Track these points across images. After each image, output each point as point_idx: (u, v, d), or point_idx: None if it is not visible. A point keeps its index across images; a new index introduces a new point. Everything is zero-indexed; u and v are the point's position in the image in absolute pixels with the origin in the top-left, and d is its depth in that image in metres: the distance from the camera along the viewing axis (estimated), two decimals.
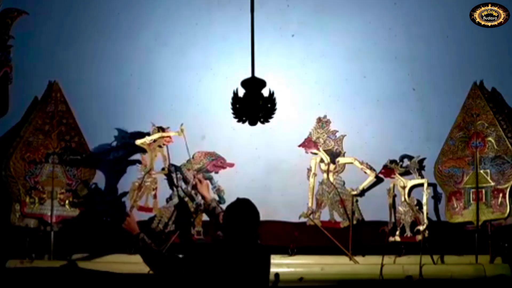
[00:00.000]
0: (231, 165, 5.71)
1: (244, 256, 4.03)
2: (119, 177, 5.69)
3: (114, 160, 5.68)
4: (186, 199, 5.63)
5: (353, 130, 5.86)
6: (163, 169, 5.64)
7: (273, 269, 5.26)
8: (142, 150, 5.62)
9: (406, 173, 5.74)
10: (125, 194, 5.61)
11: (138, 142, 5.58)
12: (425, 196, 5.66)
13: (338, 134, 5.86)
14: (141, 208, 5.56)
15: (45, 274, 5.17)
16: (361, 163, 5.76)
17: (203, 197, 5.14)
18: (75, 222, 5.52)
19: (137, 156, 5.70)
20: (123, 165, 5.70)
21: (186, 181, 5.66)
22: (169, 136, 5.62)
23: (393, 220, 5.68)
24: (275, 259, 5.42)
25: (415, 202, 5.70)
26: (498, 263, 5.52)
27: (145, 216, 5.60)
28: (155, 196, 5.60)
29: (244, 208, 4.13)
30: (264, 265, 4.14)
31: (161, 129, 5.63)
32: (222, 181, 5.68)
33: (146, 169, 5.58)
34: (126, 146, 5.68)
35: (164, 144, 5.63)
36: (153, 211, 5.59)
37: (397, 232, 5.64)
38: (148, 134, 5.63)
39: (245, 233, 4.06)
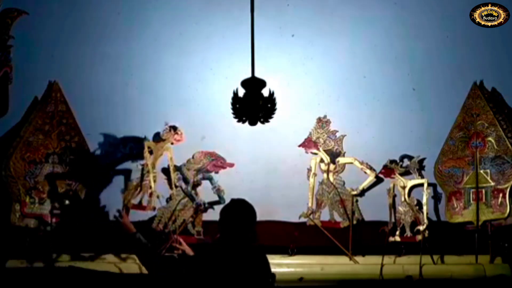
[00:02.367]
0: (231, 165, 5.70)
1: (240, 258, 4.02)
2: (103, 186, 5.67)
3: (102, 168, 5.67)
4: (186, 199, 5.63)
5: (353, 130, 5.86)
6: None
7: (273, 269, 5.30)
8: (132, 157, 5.62)
9: (406, 173, 5.74)
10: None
11: (147, 143, 5.60)
12: (425, 196, 5.66)
13: (338, 134, 5.86)
14: (134, 207, 5.54)
15: (45, 274, 5.17)
16: (361, 163, 5.76)
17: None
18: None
19: (127, 165, 5.70)
20: (109, 174, 5.68)
21: (186, 181, 5.66)
22: (181, 135, 5.62)
23: (393, 220, 5.68)
24: (275, 259, 5.45)
25: (415, 202, 5.71)
26: (498, 263, 5.52)
27: (144, 216, 5.60)
28: (150, 195, 5.59)
29: (237, 209, 4.12)
30: (261, 266, 4.12)
31: (173, 128, 5.63)
32: (222, 181, 5.67)
33: (148, 168, 5.57)
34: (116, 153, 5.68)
35: (173, 143, 5.64)
36: (146, 209, 5.57)
37: (397, 232, 5.64)
38: (158, 134, 5.64)
39: (239, 234, 4.06)
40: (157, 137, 5.65)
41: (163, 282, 4.40)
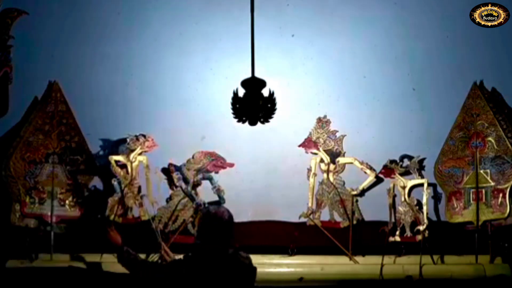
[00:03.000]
0: (231, 165, 5.70)
1: (218, 263, 4.08)
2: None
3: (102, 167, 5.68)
4: (186, 199, 5.63)
5: (353, 130, 5.86)
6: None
7: (273, 269, 5.32)
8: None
9: (406, 173, 5.74)
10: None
11: (114, 158, 5.56)
12: (425, 196, 5.66)
13: (338, 134, 5.86)
14: (125, 220, 5.53)
15: (45, 274, 5.17)
16: (361, 163, 5.76)
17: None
18: (77, 223, 5.53)
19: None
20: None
21: (186, 181, 5.66)
22: (152, 141, 5.60)
23: (393, 220, 5.68)
24: (275, 259, 5.46)
25: (415, 202, 5.70)
26: (498, 263, 5.52)
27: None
28: (141, 205, 5.56)
29: (214, 219, 4.18)
30: (240, 270, 4.17)
31: (142, 136, 5.61)
32: (222, 181, 5.67)
33: (126, 181, 5.54)
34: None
35: (145, 151, 5.61)
36: (141, 219, 5.54)
37: (397, 232, 5.63)
38: (125, 140, 5.61)
39: (217, 242, 4.11)
40: (124, 149, 5.62)
41: (164, 282, 4.42)
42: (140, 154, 5.58)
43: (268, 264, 5.41)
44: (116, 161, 5.57)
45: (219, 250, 4.12)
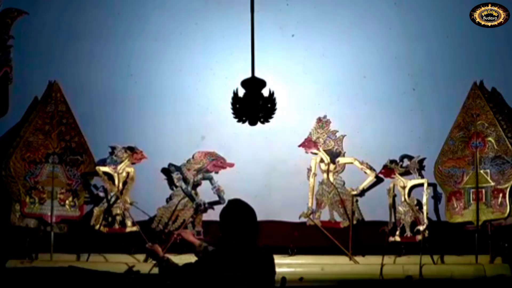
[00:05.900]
0: (231, 165, 5.71)
1: (247, 259, 4.01)
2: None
3: None
4: (186, 199, 5.63)
5: (353, 130, 5.86)
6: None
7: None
8: None
9: (406, 173, 5.74)
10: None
11: (102, 169, 5.55)
12: (425, 196, 5.66)
13: (338, 134, 5.86)
14: (111, 230, 5.52)
15: (45, 274, 5.17)
16: (361, 163, 5.76)
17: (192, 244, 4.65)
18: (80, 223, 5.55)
19: None
20: None
21: (186, 181, 5.66)
22: (141, 153, 5.59)
23: (393, 220, 5.68)
24: (275, 259, 5.44)
25: (415, 202, 5.70)
26: (498, 263, 5.52)
27: (145, 216, 5.60)
28: (126, 215, 5.55)
29: (239, 208, 4.11)
30: (268, 267, 4.12)
31: (129, 149, 5.61)
32: (222, 181, 5.67)
33: (114, 192, 5.53)
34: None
35: (134, 163, 5.61)
36: (126, 230, 5.52)
37: (397, 232, 5.63)
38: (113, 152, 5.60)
39: (244, 233, 4.04)
40: (111, 161, 5.61)
41: (167, 282, 4.40)
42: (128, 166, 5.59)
43: None
44: (104, 172, 5.56)
45: (249, 242, 4.04)
